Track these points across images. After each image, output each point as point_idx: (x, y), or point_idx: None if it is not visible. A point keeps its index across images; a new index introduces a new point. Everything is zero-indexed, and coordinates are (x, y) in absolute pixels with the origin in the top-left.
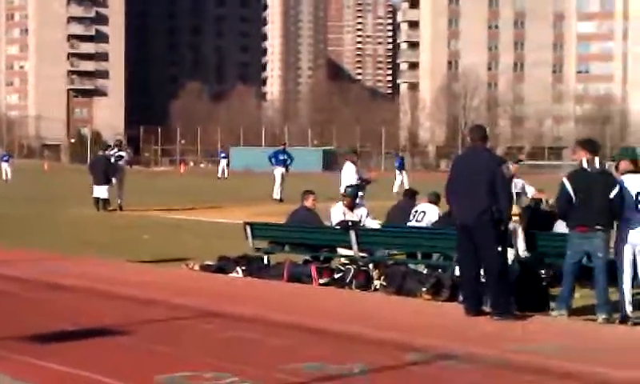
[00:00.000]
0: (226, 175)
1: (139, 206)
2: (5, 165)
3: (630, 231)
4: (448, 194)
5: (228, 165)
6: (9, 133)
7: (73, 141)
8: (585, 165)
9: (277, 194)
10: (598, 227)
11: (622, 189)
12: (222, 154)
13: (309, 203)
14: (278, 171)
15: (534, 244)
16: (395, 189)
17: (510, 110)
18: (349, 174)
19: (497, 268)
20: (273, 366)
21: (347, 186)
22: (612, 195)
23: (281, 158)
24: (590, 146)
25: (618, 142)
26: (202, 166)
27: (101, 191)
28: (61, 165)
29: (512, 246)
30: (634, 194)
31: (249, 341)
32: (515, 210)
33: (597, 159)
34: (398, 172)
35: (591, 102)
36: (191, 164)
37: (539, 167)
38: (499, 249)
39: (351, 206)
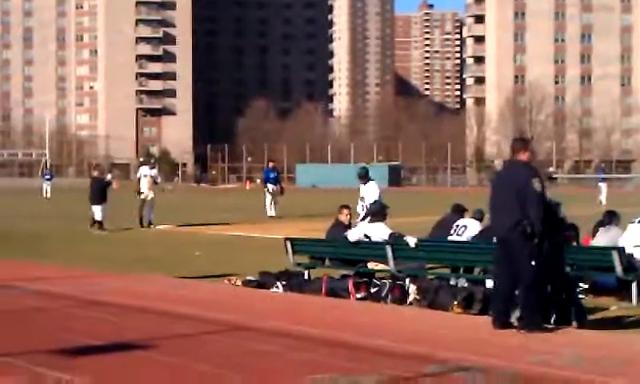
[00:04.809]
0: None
1: (198, 222)
2: (46, 184)
3: None
4: (489, 209)
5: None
6: (79, 152)
7: (142, 159)
8: None
9: (270, 212)
10: None
11: None
12: None
13: (343, 217)
14: (269, 189)
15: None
16: (604, 201)
17: (578, 124)
18: None
19: (529, 281)
20: (282, 379)
21: (371, 203)
22: None
23: (271, 176)
24: None
25: None
26: None
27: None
28: (130, 183)
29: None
30: None
31: (268, 354)
32: None
33: None
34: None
35: None
36: (257, 181)
37: (607, 180)
38: (533, 263)
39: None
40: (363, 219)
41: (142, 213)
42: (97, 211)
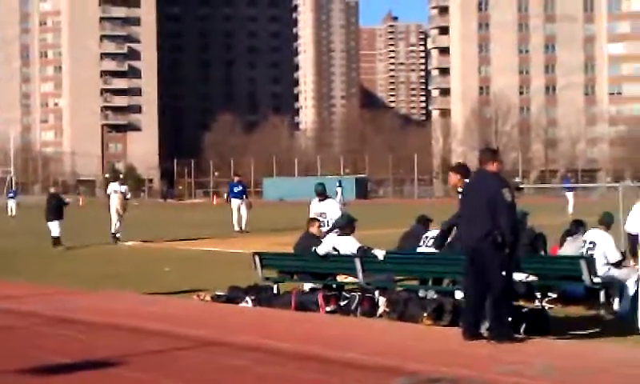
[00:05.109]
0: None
1: (166, 237)
2: (11, 202)
3: None
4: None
5: None
6: (44, 169)
7: (107, 176)
8: None
9: (237, 226)
10: None
11: None
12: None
13: (314, 230)
14: (235, 203)
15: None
16: (571, 210)
17: (543, 134)
18: None
19: (499, 291)
20: None
21: (338, 217)
22: None
23: (236, 190)
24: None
25: None
26: None
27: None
28: (96, 200)
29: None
30: None
31: (239, 369)
32: None
33: None
34: (568, 192)
35: (625, 123)
36: (225, 196)
37: (573, 190)
38: (503, 273)
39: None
40: (329, 232)
41: (114, 229)
42: (53, 228)
